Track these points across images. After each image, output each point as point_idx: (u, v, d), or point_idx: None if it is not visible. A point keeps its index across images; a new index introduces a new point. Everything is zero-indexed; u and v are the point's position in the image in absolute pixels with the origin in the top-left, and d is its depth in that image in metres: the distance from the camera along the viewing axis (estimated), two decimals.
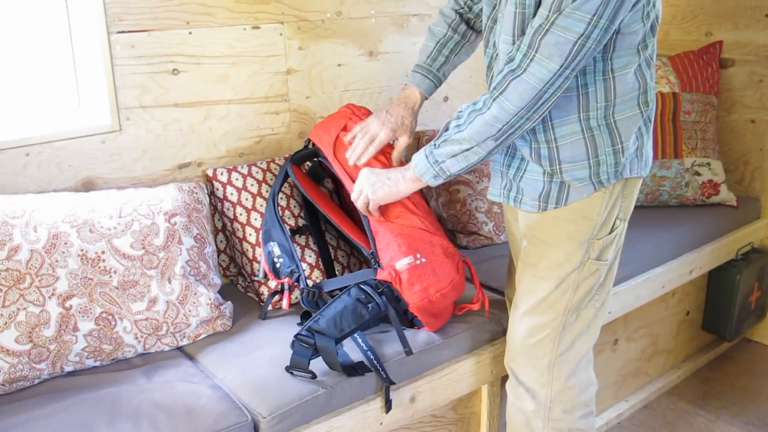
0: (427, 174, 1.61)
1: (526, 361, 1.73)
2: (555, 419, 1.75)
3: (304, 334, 1.64)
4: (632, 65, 1.52)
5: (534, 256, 1.68)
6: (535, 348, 1.71)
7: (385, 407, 1.67)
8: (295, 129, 2.23)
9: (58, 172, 1.82)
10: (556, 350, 1.70)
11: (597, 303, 1.71)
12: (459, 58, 1.88)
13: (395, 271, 1.70)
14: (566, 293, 1.66)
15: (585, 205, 1.60)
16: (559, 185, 1.59)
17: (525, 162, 1.63)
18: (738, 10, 2.86)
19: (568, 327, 1.70)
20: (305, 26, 2.18)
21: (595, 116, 1.53)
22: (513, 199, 1.67)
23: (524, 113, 1.46)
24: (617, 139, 1.56)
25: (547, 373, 1.72)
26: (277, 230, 1.87)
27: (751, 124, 2.90)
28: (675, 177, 2.69)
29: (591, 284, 1.68)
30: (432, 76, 1.85)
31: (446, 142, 1.56)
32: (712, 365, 2.91)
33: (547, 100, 1.45)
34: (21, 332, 1.56)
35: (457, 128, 1.54)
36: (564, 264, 1.64)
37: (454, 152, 1.55)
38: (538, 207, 1.62)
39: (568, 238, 1.63)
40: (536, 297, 1.68)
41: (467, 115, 1.53)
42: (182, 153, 2.02)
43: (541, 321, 1.69)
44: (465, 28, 1.84)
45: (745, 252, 2.77)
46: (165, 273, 1.73)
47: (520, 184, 1.64)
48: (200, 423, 1.47)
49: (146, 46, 1.89)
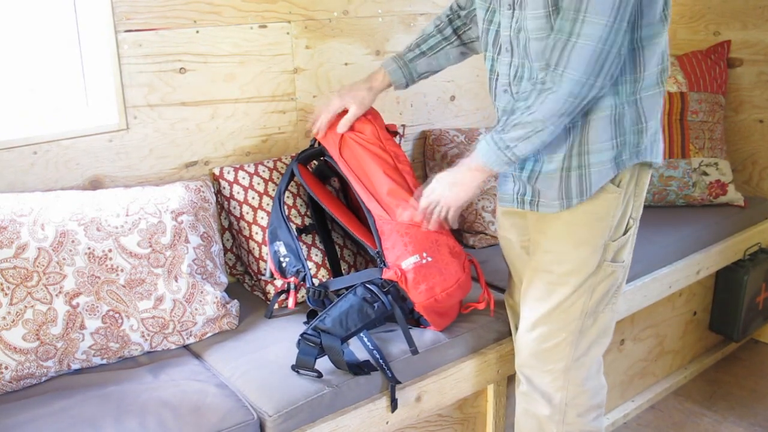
0: (498, 161, 1.55)
1: (541, 366, 1.72)
2: (569, 423, 1.74)
3: (310, 333, 1.64)
4: (659, 36, 1.52)
5: (548, 262, 1.67)
6: (550, 353, 1.70)
7: (391, 406, 1.67)
8: (302, 128, 2.23)
9: (65, 171, 1.83)
10: (573, 355, 1.70)
11: (614, 306, 1.71)
12: (437, 58, 1.88)
13: (401, 270, 1.70)
14: (582, 297, 1.65)
15: (599, 208, 1.60)
16: (578, 178, 1.58)
17: (539, 163, 1.61)
18: (746, 9, 2.85)
19: (585, 331, 1.69)
20: (312, 25, 2.18)
21: (623, 91, 1.54)
22: (529, 204, 1.65)
23: (593, 80, 1.45)
24: (642, 118, 1.56)
25: (563, 378, 1.71)
26: (283, 230, 1.88)
27: (759, 124, 2.89)
28: (682, 177, 2.68)
29: (607, 287, 1.67)
30: (402, 63, 1.86)
31: (516, 126, 1.51)
32: (719, 366, 2.90)
33: (609, 59, 1.44)
34: (28, 330, 1.57)
35: (528, 110, 1.50)
36: (581, 268, 1.64)
37: (527, 134, 1.51)
38: (561, 205, 1.61)
39: (583, 243, 1.62)
40: (551, 303, 1.67)
41: (536, 96, 1.49)
42: (189, 152, 2.02)
43: (557, 326, 1.68)
44: (450, 31, 1.87)
45: (752, 252, 2.75)
46: (172, 271, 1.73)
47: (536, 186, 1.63)
48: (206, 421, 1.47)
49: (153, 45, 1.89)
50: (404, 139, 2.40)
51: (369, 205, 1.79)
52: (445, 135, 2.49)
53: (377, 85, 1.87)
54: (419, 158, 2.55)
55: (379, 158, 1.82)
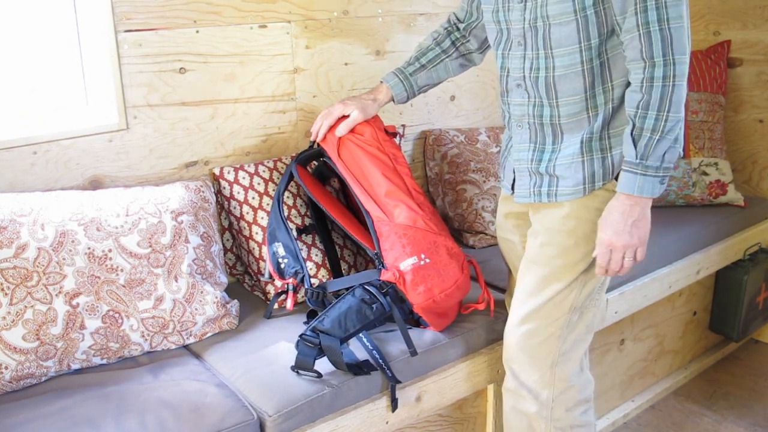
0: (656, 187, 1.50)
1: (529, 362, 1.73)
2: (557, 419, 1.75)
3: (308, 335, 1.64)
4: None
5: (547, 256, 1.68)
6: (538, 348, 1.71)
7: (391, 406, 1.67)
8: (302, 128, 2.23)
9: (65, 171, 1.83)
10: (560, 349, 1.71)
11: (598, 302, 1.73)
12: (437, 71, 1.89)
13: (399, 271, 1.70)
14: (573, 292, 1.67)
15: (602, 205, 1.61)
16: (602, 160, 1.60)
17: (555, 153, 1.63)
18: (746, 9, 2.85)
19: (572, 326, 1.70)
20: (312, 25, 2.18)
21: None
22: (546, 195, 1.66)
23: (690, 55, 1.47)
24: None
25: (549, 373, 1.72)
26: (282, 231, 1.88)
27: (759, 123, 2.89)
28: (682, 177, 2.68)
29: (596, 283, 1.70)
30: (403, 77, 1.88)
31: (658, 142, 1.47)
32: (719, 366, 2.90)
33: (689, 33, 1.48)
34: (28, 330, 1.57)
35: (656, 120, 1.47)
36: (578, 264, 1.65)
37: (669, 143, 1.48)
38: (584, 190, 1.62)
39: (585, 238, 1.64)
40: (543, 297, 1.68)
41: (658, 99, 1.46)
42: (189, 152, 2.02)
43: (546, 321, 1.69)
44: (449, 44, 1.89)
45: (752, 252, 2.75)
46: (172, 271, 1.73)
47: (556, 174, 1.63)
48: (206, 421, 1.47)
49: (153, 44, 1.89)
50: (404, 139, 2.41)
51: (367, 206, 1.79)
52: (445, 135, 2.49)
53: (381, 98, 1.88)
54: (419, 158, 2.55)
55: (377, 159, 1.82)
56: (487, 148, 2.50)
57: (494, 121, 2.73)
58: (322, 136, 1.87)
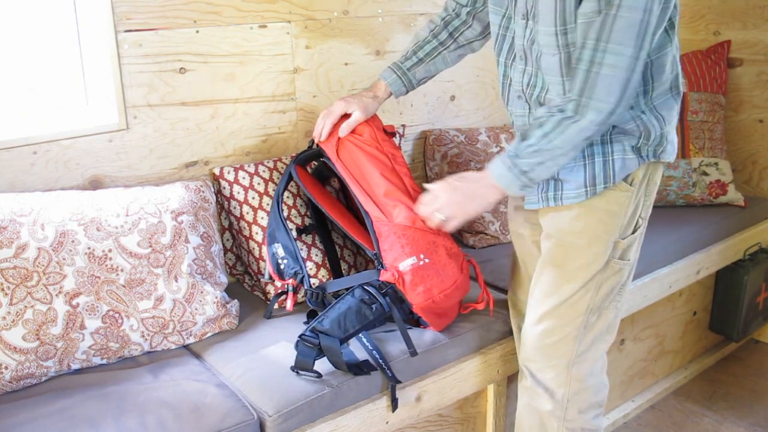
0: (514, 185, 1.56)
1: (545, 361, 1.73)
2: (570, 419, 1.75)
3: (308, 335, 1.64)
4: (667, 47, 1.53)
5: (561, 256, 1.68)
6: (554, 347, 1.71)
7: (391, 406, 1.67)
8: (302, 128, 2.23)
9: (65, 171, 1.83)
10: (576, 350, 1.70)
11: (618, 303, 1.72)
12: (435, 64, 1.87)
13: (398, 272, 1.70)
14: (589, 293, 1.67)
15: (612, 205, 1.61)
16: (603, 164, 1.60)
17: None
18: (746, 9, 2.85)
19: (590, 327, 1.70)
20: (312, 25, 2.18)
21: (636, 104, 1.56)
22: (553, 199, 1.66)
23: (616, 107, 1.44)
24: (663, 122, 1.60)
25: (565, 373, 1.72)
26: (282, 232, 1.88)
27: (759, 124, 2.89)
28: (682, 177, 2.68)
29: (614, 284, 1.68)
30: (401, 72, 1.86)
31: (535, 153, 1.50)
32: (719, 366, 2.90)
33: (631, 86, 1.44)
34: (28, 330, 1.57)
35: (545, 137, 1.49)
36: (592, 264, 1.65)
37: (544, 161, 1.51)
38: (586, 193, 1.62)
39: (596, 239, 1.64)
40: (559, 298, 1.68)
41: (555, 124, 1.48)
42: (189, 152, 2.02)
43: (563, 321, 1.69)
44: (446, 35, 1.86)
45: (752, 252, 2.75)
46: (172, 271, 1.73)
47: (560, 178, 1.63)
48: (206, 421, 1.47)
49: (153, 44, 1.89)
50: (404, 139, 2.41)
51: (366, 206, 1.79)
52: (445, 135, 2.49)
53: (381, 95, 1.87)
54: (419, 158, 2.55)
55: (376, 160, 1.82)
56: (487, 148, 2.50)
57: (494, 121, 2.73)
58: (326, 136, 1.86)
